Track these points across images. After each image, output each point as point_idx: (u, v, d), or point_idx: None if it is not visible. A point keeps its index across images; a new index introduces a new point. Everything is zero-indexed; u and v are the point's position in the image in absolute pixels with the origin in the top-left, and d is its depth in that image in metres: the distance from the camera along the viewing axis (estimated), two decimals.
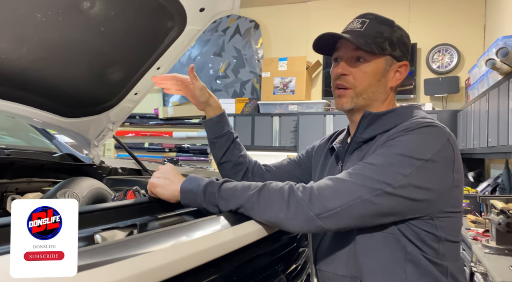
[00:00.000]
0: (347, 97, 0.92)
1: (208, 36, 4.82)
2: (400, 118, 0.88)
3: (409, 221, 0.80)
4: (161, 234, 0.61)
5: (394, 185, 0.75)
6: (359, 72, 0.91)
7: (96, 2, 1.13)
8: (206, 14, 1.35)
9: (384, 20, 0.93)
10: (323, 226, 0.75)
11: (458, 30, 3.93)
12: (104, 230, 0.72)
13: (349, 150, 0.94)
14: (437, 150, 0.78)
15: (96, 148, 1.68)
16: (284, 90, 4.25)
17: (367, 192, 0.75)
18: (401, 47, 0.92)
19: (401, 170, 0.76)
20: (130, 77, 1.50)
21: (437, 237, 0.81)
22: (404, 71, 0.94)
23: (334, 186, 0.77)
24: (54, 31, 1.14)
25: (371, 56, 0.90)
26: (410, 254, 0.80)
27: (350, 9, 4.31)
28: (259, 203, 0.78)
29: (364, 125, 0.90)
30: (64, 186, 1.06)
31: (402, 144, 0.79)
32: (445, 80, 3.80)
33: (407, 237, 0.81)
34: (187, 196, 0.84)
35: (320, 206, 0.75)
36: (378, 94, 0.92)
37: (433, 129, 0.81)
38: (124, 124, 5.14)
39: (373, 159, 0.79)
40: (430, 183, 0.77)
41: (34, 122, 1.52)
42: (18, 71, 1.19)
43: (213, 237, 0.64)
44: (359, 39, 0.88)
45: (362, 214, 0.76)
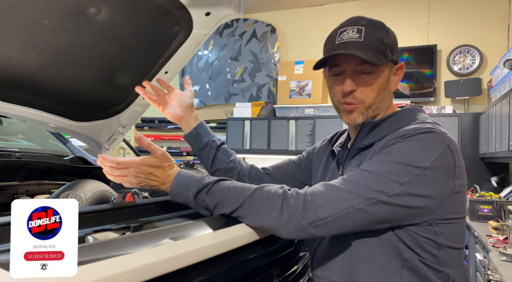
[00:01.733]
0: (357, 112, 0.89)
1: (225, 41, 4.85)
2: (400, 123, 0.86)
3: (407, 227, 0.78)
4: (145, 235, 0.61)
5: (389, 194, 0.73)
6: (367, 86, 0.87)
7: (102, 8, 1.16)
8: (212, 18, 1.36)
9: (377, 24, 0.89)
10: (316, 233, 0.75)
11: (480, 30, 3.80)
12: (96, 232, 0.73)
13: (349, 155, 0.92)
14: (435, 157, 0.76)
15: (107, 151, 1.71)
16: (301, 94, 4.22)
17: (361, 201, 0.73)
18: (396, 49, 0.90)
19: (397, 178, 0.74)
20: (138, 81, 1.52)
21: (438, 244, 0.78)
22: (401, 73, 0.92)
23: (328, 193, 0.75)
24: (61, 37, 1.17)
25: (375, 67, 0.86)
26: (407, 261, 0.78)
27: (368, 11, 4.25)
28: (251, 208, 0.77)
29: (364, 132, 0.89)
30: (68, 188, 1.08)
31: (399, 151, 0.77)
32: (466, 82, 3.68)
33: (405, 243, 0.78)
34: (178, 199, 0.85)
35: (313, 215, 0.74)
36: (385, 101, 0.90)
37: (432, 135, 0.79)
38: (143, 129, 5.23)
39: (370, 166, 0.77)
40: (428, 191, 0.75)
41: (47, 126, 1.56)
42: (27, 76, 1.23)
43: (198, 239, 0.64)
44: (367, 53, 0.83)
45: (355, 222, 0.75)
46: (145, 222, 0.83)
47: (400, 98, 3.89)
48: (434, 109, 3.59)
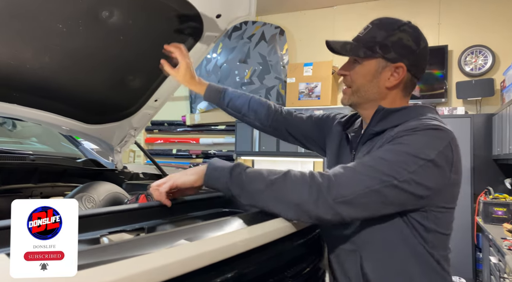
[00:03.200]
0: (346, 95, 1.04)
1: (234, 44, 4.87)
2: (410, 116, 0.95)
3: (407, 212, 0.89)
4: (160, 236, 0.61)
5: (399, 179, 0.82)
6: (354, 73, 1.01)
7: (115, 11, 1.17)
8: (223, 21, 1.36)
9: (385, 25, 0.99)
10: (340, 213, 0.82)
11: (492, 30, 3.75)
12: (111, 233, 0.73)
13: (361, 140, 1.02)
14: (438, 151, 0.85)
15: (119, 154, 1.73)
16: (310, 96, 4.21)
17: (376, 183, 0.82)
18: (397, 49, 0.96)
19: (406, 166, 0.83)
20: (150, 84, 1.54)
21: (426, 228, 0.89)
22: (402, 73, 0.97)
23: (348, 175, 0.84)
24: (75, 40, 1.19)
25: (362, 59, 0.98)
26: (405, 236, 0.90)
27: (377, 13, 4.20)
28: (285, 185, 0.84)
29: (377, 119, 0.98)
30: (82, 190, 1.09)
31: (410, 143, 0.86)
32: (478, 83, 3.63)
33: (404, 222, 0.90)
34: (213, 175, 0.88)
35: (336, 192, 0.82)
36: (371, 93, 1.00)
37: (439, 132, 0.88)
38: (153, 132, 5.27)
39: (384, 154, 0.87)
40: (429, 182, 0.85)
41: (60, 129, 1.58)
42: (41, 79, 1.25)
43: (213, 240, 0.63)
44: (346, 45, 0.99)
45: (370, 202, 0.83)
46: (159, 223, 0.83)
47: (410, 100, 3.85)
48: (445, 110, 3.55)
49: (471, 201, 3.19)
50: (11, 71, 1.19)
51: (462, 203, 3.24)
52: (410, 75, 0.99)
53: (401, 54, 0.96)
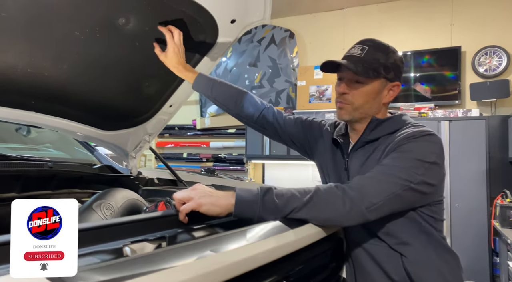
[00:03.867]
0: (346, 110, 1.12)
1: (244, 47, 4.87)
2: (398, 124, 1.10)
3: (418, 208, 1.04)
4: (186, 248, 0.60)
5: (414, 182, 0.96)
6: (357, 92, 1.10)
7: (131, 18, 1.17)
8: (238, 26, 1.36)
9: (380, 47, 1.10)
10: (369, 218, 0.93)
11: (507, 30, 3.70)
12: (133, 243, 0.72)
13: (354, 148, 1.15)
14: (436, 154, 1.00)
15: (133, 159, 1.73)
16: (320, 99, 4.19)
17: (398, 188, 0.95)
18: (395, 70, 1.10)
19: (416, 170, 0.97)
20: (165, 90, 1.54)
21: (434, 218, 1.06)
22: (397, 89, 1.13)
23: (374, 185, 0.95)
24: (92, 48, 1.19)
25: (368, 79, 1.08)
26: (424, 227, 1.05)
27: (388, 15, 4.20)
28: (320, 202, 0.91)
29: (370, 128, 1.11)
30: (100, 197, 1.09)
31: (415, 150, 1.00)
32: (493, 84, 3.57)
33: (420, 216, 1.04)
34: (243, 206, 0.88)
35: (368, 202, 0.92)
36: (373, 109, 1.12)
37: (432, 137, 1.03)
38: (163, 136, 5.29)
39: (395, 162, 0.99)
40: (434, 180, 1.00)
41: (76, 135, 1.59)
42: (59, 87, 1.26)
43: (239, 251, 0.62)
44: (358, 66, 1.06)
45: (394, 206, 0.96)
46: (180, 232, 0.82)
47: (422, 102, 3.81)
48: (459, 112, 3.49)
49: (487, 204, 3.14)
50: (29, 79, 1.19)
51: (477, 206, 3.19)
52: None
53: (396, 74, 1.11)
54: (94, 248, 0.64)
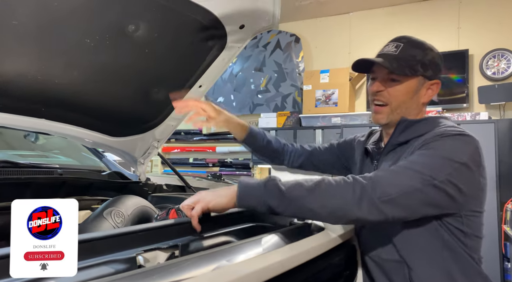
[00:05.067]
0: (383, 114, 1.05)
1: (249, 52, 4.88)
2: (431, 126, 0.99)
3: (443, 218, 0.92)
4: (202, 258, 0.59)
5: (438, 179, 0.86)
6: (394, 90, 1.03)
7: (141, 25, 1.17)
8: (246, 31, 1.36)
9: (416, 44, 1.03)
10: (384, 211, 0.83)
11: None
12: (146, 251, 0.71)
13: (384, 151, 1.07)
14: (469, 155, 0.90)
15: (142, 166, 1.73)
16: (327, 103, 4.17)
17: (418, 182, 0.85)
18: (433, 67, 1.03)
19: (442, 168, 0.87)
20: None
21: (464, 233, 0.93)
22: (436, 88, 1.05)
23: (390, 176, 0.87)
24: (102, 55, 1.20)
25: (404, 77, 1.01)
26: (447, 242, 0.93)
27: (394, 18, 4.18)
28: (327, 188, 0.85)
29: (400, 129, 1.03)
30: (110, 204, 1.09)
31: (441, 147, 0.90)
32: (502, 87, 3.53)
33: (443, 228, 0.93)
34: (247, 192, 0.85)
35: (381, 191, 0.84)
36: (411, 109, 1.04)
37: (466, 137, 0.93)
38: (170, 141, 5.29)
39: (418, 158, 0.90)
40: (463, 184, 0.88)
41: (85, 142, 1.59)
42: (70, 94, 1.26)
43: (255, 261, 0.61)
44: (393, 63, 1.00)
45: (414, 201, 0.86)
46: (192, 240, 0.81)
47: (430, 105, 3.78)
48: (468, 115, 3.46)
49: (498, 208, 3.09)
50: (39, 86, 1.20)
51: (488, 211, 3.11)
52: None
53: (435, 71, 1.03)
54: (107, 258, 0.63)
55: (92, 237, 0.69)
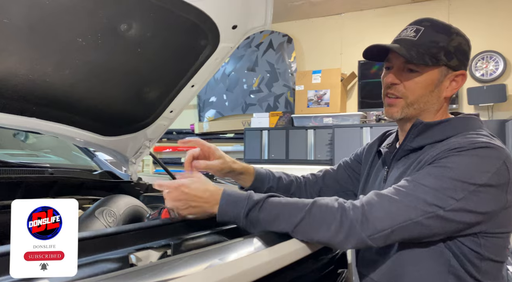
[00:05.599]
0: (397, 107, 0.90)
1: (242, 52, 4.89)
2: (452, 131, 0.85)
3: (453, 238, 0.80)
4: (194, 256, 0.59)
5: (445, 209, 0.74)
6: (411, 82, 0.88)
7: (133, 24, 1.17)
8: (239, 31, 1.36)
9: (441, 27, 0.89)
10: (372, 245, 0.76)
11: (503, 35, 3.73)
12: (138, 250, 0.72)
13: (396, 156, 0.93)
14: (492, 173, 0.76)
15: (134, 165, 1.72)
16: (319, 103, 4.20)
17: (419, 214, 0.74)
18: (459, 55, 0.88)
19: (453, 194, 0.74)
20: (165, 95, 1.53)
21: (481, 255, 0.80)
22: (461, 81, 0.90)
23: (385, 206, 0.76)
24: (94, 54, 1.19)
25: (424, 67, 0.87)
26: (453, 267, 0.80)
27: (385, 19, 4.22)
28: (312, 223, 0.76)
29: (414, 134, 0.88)
30: (102, 204, 1.09)
31: (455, 166, 0.76)
32: (490, 88, 3.60)
33: (452, 251, 0.80)
34: (225, 216, 0.81)
35: (372, 228, 0.74)
36: (431, 104, 0.89)
37: (489, 151, 0.78)
38: (161, 140, 5.28)
39: (425, 180, 0.77)
40: (482, 207, 0.76)
41: (77, 141, 1.58)
42: (61, 93, 1.25)
43: (248, 259, 0.62)
44: (411, 51, 0.85)
45: (411, 234, 0.76)
46: (185, 239, 0.82)
47: None
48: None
49: None
50: (30, 85, 1.19)
51: None
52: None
53: (461, 61, 0.89)
54: (100, 257, 0.64)
55: (84, 236, 0.69)
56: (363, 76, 4.22)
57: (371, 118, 3.95)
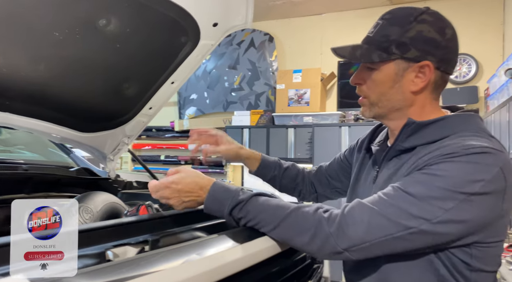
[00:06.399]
0: (365, 107, 0.90)
1: (223, 50, 4.87)
2: (447, 131, 0.78)
3: (443, 248, 0.76)
4: (172, 251, 0.60)
5: (432, 221, 0.69)
6: (370, 81, 0.87)
7: (112, 19, 1.16)
8: (220, 29, 1.37)
9: (398, 19, 0.85)
10: (350, 257, 0.73)
11: (476, 39, 3.86)
12: (116, 247, 0.71)
13: (387, 156, 0.88)
14: (486, 181, 0.69)
15: (112, 162, 1.70)
16: (299, 102, 4.24)
17: (401, 230, 0.70)
18: (419, 45, 0.81)
19: (442, 204, 0.69)
20: (144, 92, 1.52)
21: (470, 266, 0.75)
22: (429, 72, 0.82)
23: (365, 219, 0.72)
24: (71, 48, 1.17)
25: (379, 64, 0.84)
26: (442, 277, 0.76)
27: (365, 20, 4.29)
28: (285, 232, 0.77)
29: (406, 134, 0.83)
30: (79, 201, 1.07)
31: (446, 174, 0.70)
32: (463, 90, 3.72)
33: (441, 260, 0.76)
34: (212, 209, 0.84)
35: (348, 241, 0.72)
36: (396, 101, 0.85)
37: (484, 157, 0.71)
38: (141, 137, 5.21)
39: (412, 188, 0.72)
40: (474, 216, 0.70)
41: (53, 137, 1.55)
42: (36, 88, 1.22)
43: (225, 254, 0.63)
44: (356, 50, 0.85)
45: (392, 249, 0.72)
46: (163, 236, 0.82)
47: None
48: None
49: None
50: (4, 79, 1.16)
51: None
52: (439, 72, 0.83)
53: (424, 50, 0.81)
54: None
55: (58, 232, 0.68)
56: (342, 77, 4.29)
57: (350, 117, 4.01)
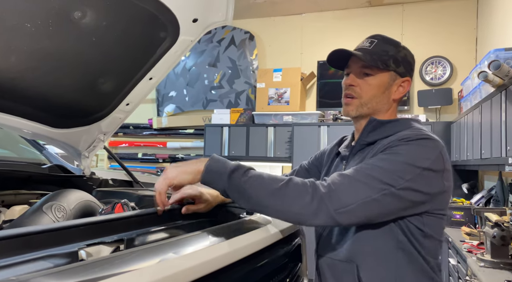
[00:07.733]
0: (353, 106, 1.04)
1: (203, 47, 4.83)
2: (399, 128, 1.00)
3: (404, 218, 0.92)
4: (147, 250, 0.58)
5: (397, 187, 0.86)
6: (365, 84, 1.03)
7: (88, 12, 1.12)
8: (199, 25, 1.35)
9: (390, 41, 1.06)
10: (338, 221, 0.85)
11: (451, 42, 3.97)
12: (89, 246, 0.69)
13: (353, 151, 1.07)
14: (432, 160, 0.90)
15: (87, 159, 1.65)
16: (279, 101, 4.25)
17: (376, 192, 0.86)
18: (405, 65, 1.04)
19: (403, 175, 0.87)
20: (121, 87, 1.48)
21: (424, 232, 0.92)
22: (407, 86, 1.06)
23: (348, 184, 0.87)
24: (44, 41, 1.13)
25: (377, 71, 1.02)
26: (401, 243, 0.92)
27: (343, 22, 4.35)
28: (286, 194, 0.85)
29: (368, 130, 1.03)
30: (51, 198, 1.03)
31: (404, 153, 0.90)
32: (438, 92, 3.82)
33: (400, 228, 0.92)
34: (211, 177, 0.89)
35: (338, 202, 0.85)
36: (382, 105, 1.04)
37: (430, 142, 0.93)
38: (117, 135, 5.10)
39: (380, 163, 0.90)
40: (426, 188, 0.89)
41: (24, 133, 1.49)
42: (7, 81, 1.17)
43: (202, 253, 0.62)
44: (366, 56, 1.01)
45: (371, 213, 0.87)
46: (138, 234, 0.80)
47: None
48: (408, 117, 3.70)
49: None
50: None
51: None
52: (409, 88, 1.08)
53: (407, 69, 1.05)
54: (46, 252, 0.61)
55: (28, 231, 0.65)
56: (321, 76, 4.33)
57: (329, 117, 4.06)
